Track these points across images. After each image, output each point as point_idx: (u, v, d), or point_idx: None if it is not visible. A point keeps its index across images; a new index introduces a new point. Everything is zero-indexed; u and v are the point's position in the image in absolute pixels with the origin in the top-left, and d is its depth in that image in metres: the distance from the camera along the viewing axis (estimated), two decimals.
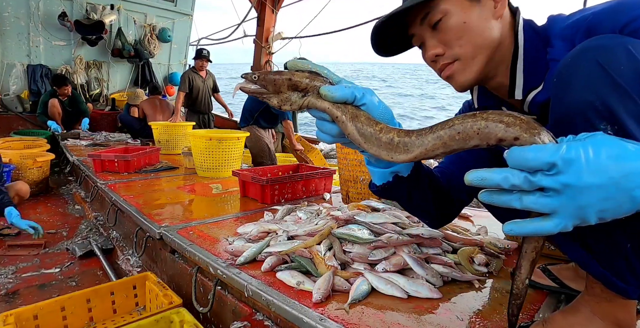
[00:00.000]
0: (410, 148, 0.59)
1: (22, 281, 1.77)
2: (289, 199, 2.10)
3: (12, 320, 1.16)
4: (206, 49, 4.88)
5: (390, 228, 1.27)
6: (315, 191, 2.26)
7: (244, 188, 2.19)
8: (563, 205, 0.46)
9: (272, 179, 2.03)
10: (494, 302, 1.02)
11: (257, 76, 0.69)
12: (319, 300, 0.99)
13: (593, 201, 0.45)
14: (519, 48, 0.77)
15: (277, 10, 5.67)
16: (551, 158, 0.45)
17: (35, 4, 5.30)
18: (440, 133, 0.55)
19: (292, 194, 2.13)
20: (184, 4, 6.70)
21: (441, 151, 0.56)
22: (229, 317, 1.21)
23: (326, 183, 2.32)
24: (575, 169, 0.45)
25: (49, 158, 3.43)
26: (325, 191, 2.31)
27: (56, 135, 4.57)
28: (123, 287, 1.45)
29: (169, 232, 1.55)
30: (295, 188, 2.14)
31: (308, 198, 2.19)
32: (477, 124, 0.52)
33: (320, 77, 0.67)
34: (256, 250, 1.26)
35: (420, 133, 0.58)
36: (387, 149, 0.61)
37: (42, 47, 5.56)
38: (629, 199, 0.45)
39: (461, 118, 0.53)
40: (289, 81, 0.67)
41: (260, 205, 2.02)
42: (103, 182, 2.54)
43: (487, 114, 0.51)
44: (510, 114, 0.50)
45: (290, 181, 2.10)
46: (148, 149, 3.27)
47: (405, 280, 1.05)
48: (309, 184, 2.22)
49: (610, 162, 0.44)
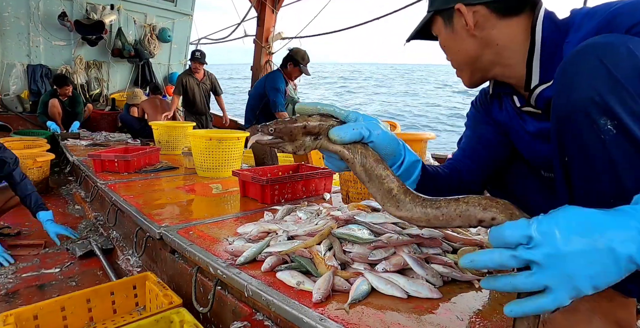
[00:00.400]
0: (400, 207, 0.65)
1: (22, 281, 1.77)
2: (289, 200, 2.10)
3: (12, 320, 1.16)
4: (200, 50, 4.78)
5: (390, 228, 1.27)
6: (315, 191, 2.26)
7: (244, 188, 2.19)
8: (551, 277, 0.46)
9: (272, 179, 2.02)
10: (494, 302, 1.02)
11: (274, 129, 0.73)
12: (319, 300, 0.98)
13: (579, 268, 0.45)
14: (535, 44, 0.79)
15: (277, 10, 5.67)
16: (527, 231, 0.47)
17: (35, 4, 5.30)
18: (427, 210, 0.62)
19: (292, 195, 2.13)
20: (184, 4, 6.71)
21: (424, 224, 0.63)
22: (229, 317, 1.21)
23: (326, 183, 2.32)
24: (551, 239, 0.46)
25: (49, 158, 3.43)
26: (325, 191, 2.31)
27: (56, 135, 4.57)
28: (123, 286, 1.45)
29: (169, 232, 1.55)
30: (295, 188, 2.14)
31: (308, 198, 2.19)
32: (460, 207, 0.58)
33: (330, 118, 0.72)
34: (256, 250, 1.26)
35: (414, 199, 0.64)
36: (383, 196, 0.67)
37: (42, 47, 5.57)
38: (613, 261, 0.44)
39: (447, 201, 0.60)
40: (303, 129, 0.71)
41: (260, 205, 2.02)
42: (103, 182, 2.54)
43: (468, 199, 0.58)
44: (488, 198, 0.57)
45: (290, 181, 2.10)
46: (148, 149, 3.26)
47: (405, 280, 1.05)
48: (309, 184, 2.21)
49: (583, 228, 0.46)
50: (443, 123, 15.30)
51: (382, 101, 22.84)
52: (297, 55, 3.55)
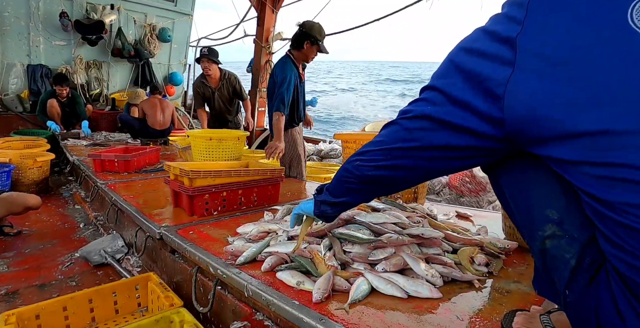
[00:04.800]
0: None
1: (22, 281, 1.77)
2: (224, 212, 1.87)
3: (14, 320, 1.16)
4: (208, 46, 3.86)
5: (390, 228, 1.27)
6: (257, 200, 1.99)
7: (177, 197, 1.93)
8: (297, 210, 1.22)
9: (199, 188, 1.75)
10: (494, 302, 1.02)
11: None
12: (319, 300, 0.99)
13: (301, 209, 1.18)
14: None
15: (277, 10, 5.67)
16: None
17: (35, 4, 5.30)
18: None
19: (229, 206, 1.89)
20: (184, 4, 6.70)
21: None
22: (229, 316, 1.21)
23: (272, 191, 2.06)
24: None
25: (49, 158, 3.43)
26: (272, 201, 2.04)
27: (56, 135, 4.57)
28: (125, 287, 1.45)
29: (169, 232, 1.55)
30: (234, 197, 1.90)
31: (249, 208, 1.95)
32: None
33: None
34: (256, 250, 1.26)
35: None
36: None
37: (42, 47, 5.56)
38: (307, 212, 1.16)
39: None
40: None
41: (190, 218, 1.79)
42: (103, 182, 2.54)
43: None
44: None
45: (225, 189, 1.84)
46: (148, 149, 3.27)
47: (405, 280, 1.06)
48: (249, 194, 1.95)
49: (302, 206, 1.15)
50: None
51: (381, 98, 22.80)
52: (313, 30, 2.72)
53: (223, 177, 1.83)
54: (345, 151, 1.93)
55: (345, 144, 1.92)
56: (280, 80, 2.70)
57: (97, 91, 6.22)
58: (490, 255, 1.27)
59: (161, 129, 4.62)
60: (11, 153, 3.20)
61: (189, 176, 1.71)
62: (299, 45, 2.77)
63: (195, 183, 1.74)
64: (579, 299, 0.60)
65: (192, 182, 1.74)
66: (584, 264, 0.60)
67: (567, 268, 0.61)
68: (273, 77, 2.83)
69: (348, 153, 1.91)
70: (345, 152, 1.94)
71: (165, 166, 1.94)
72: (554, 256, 0.63)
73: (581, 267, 0.60)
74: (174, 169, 1.83)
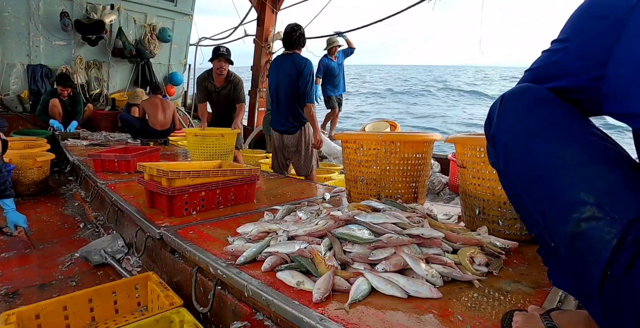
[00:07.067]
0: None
1: (22, 281, 1.77)
2: (203, 211, 1.87)
3: (14, 319, 1.16)
4: (225, 46, 3.71)
5: (390, 228, 1.27)
6: (235, 199, 2.02)
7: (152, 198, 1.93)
8: None
9: (178, 189, 1.75)
10: (494, 302, 1.02)
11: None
12: (319, 300, 0.99)
13: None
14: None
15: (277, 11, 5.67)
16: None
17: (35, 4, 5.30)
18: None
19: (207, 205, 1.90)
20: (184, 4, 6.71)
21: None
22: (229, 316, 1.21)
23: (249, 190, 2.07)
24: None
25: (49, 158, 3.43)
26: (249, 200, 2.07)
27: (56, 135, 4.57)
28: (125, 286, 1.45)
29: (169, 232, 1.55)
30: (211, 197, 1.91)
31: (227, 206, 1.97)
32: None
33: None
34: (256, 250, 1.26)
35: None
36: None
37: (42, 47, 5.57)
38: None
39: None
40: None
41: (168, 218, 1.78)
42: (103, 182, 2.54)
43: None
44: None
45: (205, 189, 1.85)
46: (148, 149, 3.27)
47: (405, 280, 1.06)
48: (227, 193, 1.96)
49: None
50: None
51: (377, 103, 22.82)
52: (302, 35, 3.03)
53: (202, 177, 1.84)
54: (345, 151, 1.93)
55: (345, 144, 1.92)
56: (311, 74, 2.97)
57: (97, 91, 6.23)
58: (490, 255, 1.27)
59: (162, 129, 4.63)
60: (11, 153, 3.19)
61: (168, 176, 1.71)
62: (301, 44, 3.09)
63: (174, 184, 1.74)
64: (617, 285, 0.57)
65: (170, 182, 1.74)
66: (626, 243, 0.56)
67: (608, 248, 0.58)
68: (298, 71, 2.94)
69: (348, 153, 1.91)
70: (345, 152, 1.94)
71: (139, 167, 1.94)
72: (589, 238, 0.60)
73: (623, 246, 0.57)
74: (149, 169, 1.83)
